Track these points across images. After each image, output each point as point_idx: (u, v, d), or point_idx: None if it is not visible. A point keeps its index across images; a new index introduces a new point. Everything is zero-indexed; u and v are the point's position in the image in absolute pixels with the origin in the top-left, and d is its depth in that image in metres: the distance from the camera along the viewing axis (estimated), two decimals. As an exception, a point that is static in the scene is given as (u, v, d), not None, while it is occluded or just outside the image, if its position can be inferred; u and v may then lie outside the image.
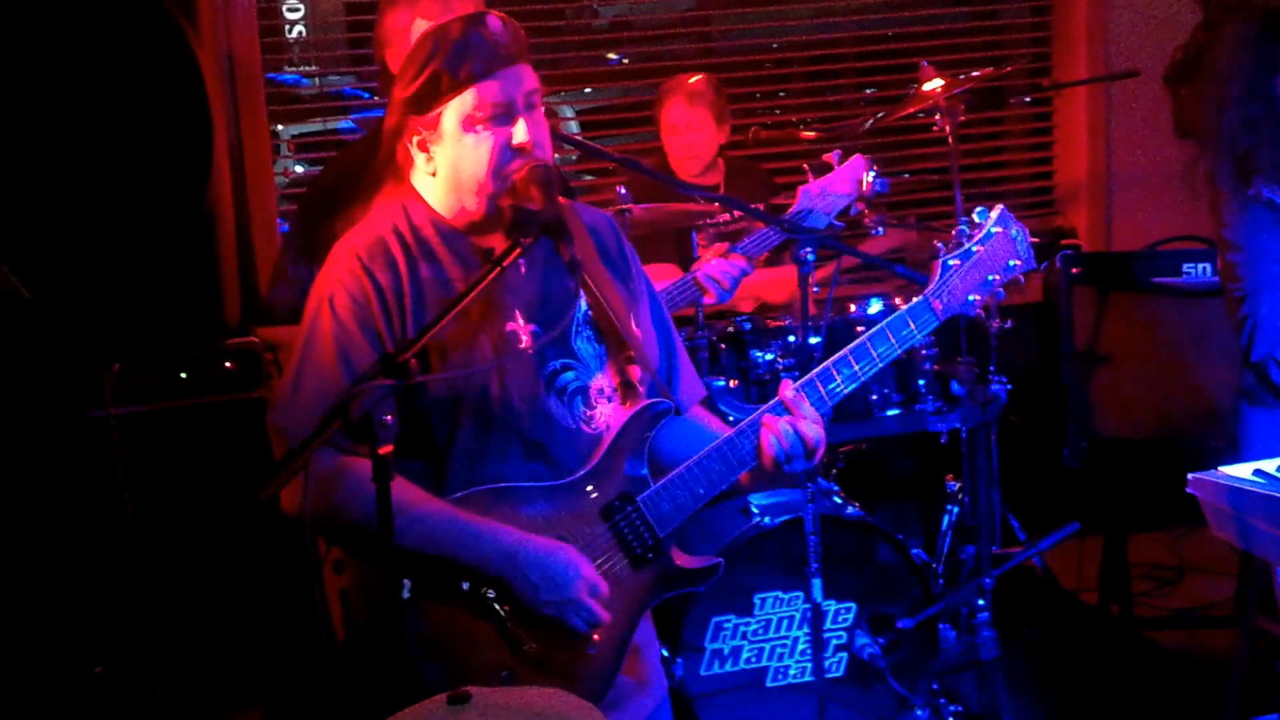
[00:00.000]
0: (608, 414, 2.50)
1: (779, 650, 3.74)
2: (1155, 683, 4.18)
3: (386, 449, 2.12)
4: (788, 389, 2.50)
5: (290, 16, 5.21)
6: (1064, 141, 5.71)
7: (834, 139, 4.39)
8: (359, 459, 2.27)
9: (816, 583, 3.46)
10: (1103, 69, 5.40)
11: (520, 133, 2.38)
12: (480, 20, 2.40)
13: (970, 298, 2.61)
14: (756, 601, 3.70)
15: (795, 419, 2.47)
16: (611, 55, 5.56)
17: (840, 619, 3.76)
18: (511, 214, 2.38)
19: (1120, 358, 4.20)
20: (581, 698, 2.20)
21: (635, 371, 2.53)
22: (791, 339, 3.89)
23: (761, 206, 3.85)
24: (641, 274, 2.65)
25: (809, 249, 3.40)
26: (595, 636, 2.42)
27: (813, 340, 3.97)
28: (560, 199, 2.44)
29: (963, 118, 4.23)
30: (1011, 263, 2.64)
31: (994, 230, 2.63)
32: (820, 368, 2.53)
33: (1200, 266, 4.14)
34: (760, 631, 3.73)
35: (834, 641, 3.76)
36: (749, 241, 3.76)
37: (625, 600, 2.46)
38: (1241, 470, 2.69)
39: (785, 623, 3.73)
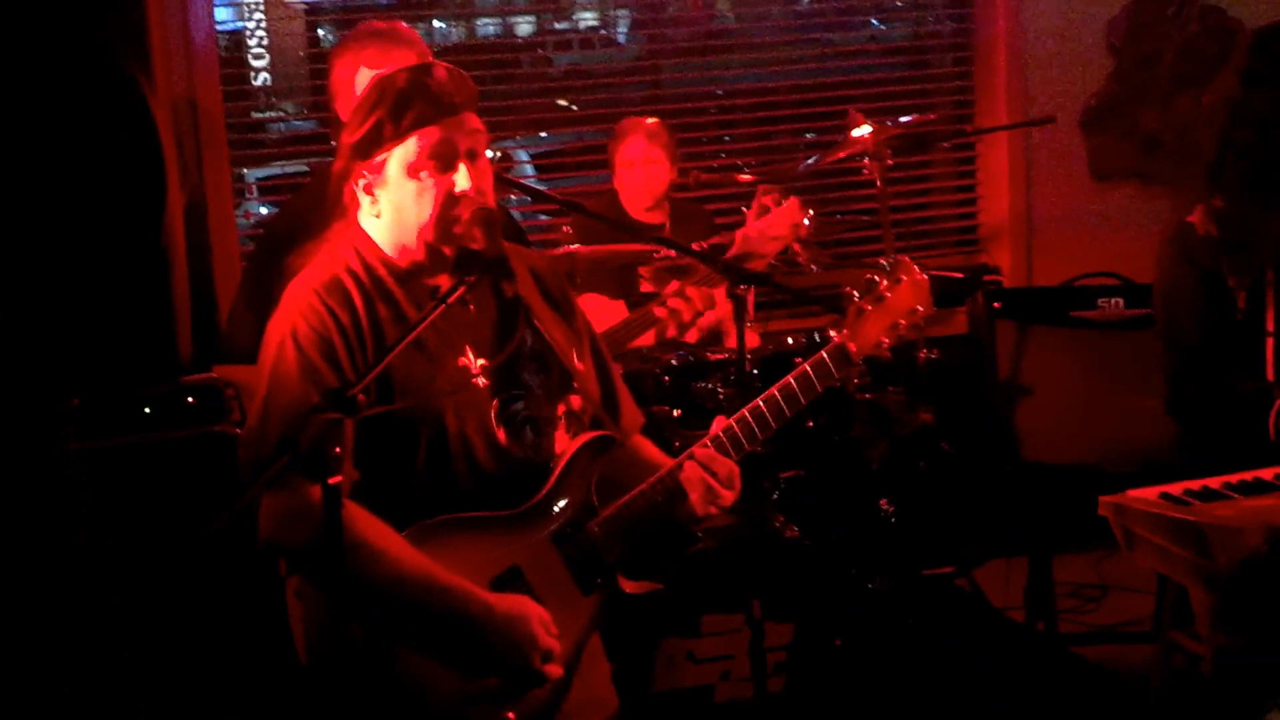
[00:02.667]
0: (556, 443, 2.57)
1: (724, 669, 3.81)
2: (1080, 696, 4.32)
3: (336, 479, 2.15)
4: (718, 428, 2.60)
5: (255, 64, 5.34)
6: (987, 183, 5.88)
7: (768, 181, 4.55)
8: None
9: (756, 604, 3.58)
10: (1022, 116, 5.58)
11: (462, 180, 2.45)
12: (427, 70, 2.48)
13: (879, 340, 2.72)
14: (702, 623, 3.78)
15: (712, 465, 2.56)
16: (561, 101, 5.73)
17: (781, 638, 3.86)
18: (455, 254, 2.46)
19: (1042, 387, 4.35)
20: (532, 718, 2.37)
21: (578, 402, 2.62)
22: (730, 372, 4.02)
23: (705, 245, 4.00)
24: (581, 314, 2.75)
25: (744, 287, 3.54)
26: (543, 693, 2.47)
27: (753, 372, 4.14)
28: (505, 243, 2.49)
29: (890, 161, 4.42)
30: (916, 308, 2.74)
31: (902, 278, 2.74)
32: (748, 408, 2.64)
33: (1114, 300, 4.30)
34: (705, 651, 3.80)
35: (775, 660, 3.87)
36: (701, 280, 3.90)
37: (574, 625, 2.52)
38: (1149, 494, 2.82)
39: (729, 642, 3.79)
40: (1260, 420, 3.18)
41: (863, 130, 4.34)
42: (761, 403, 2.64)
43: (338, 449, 2.16)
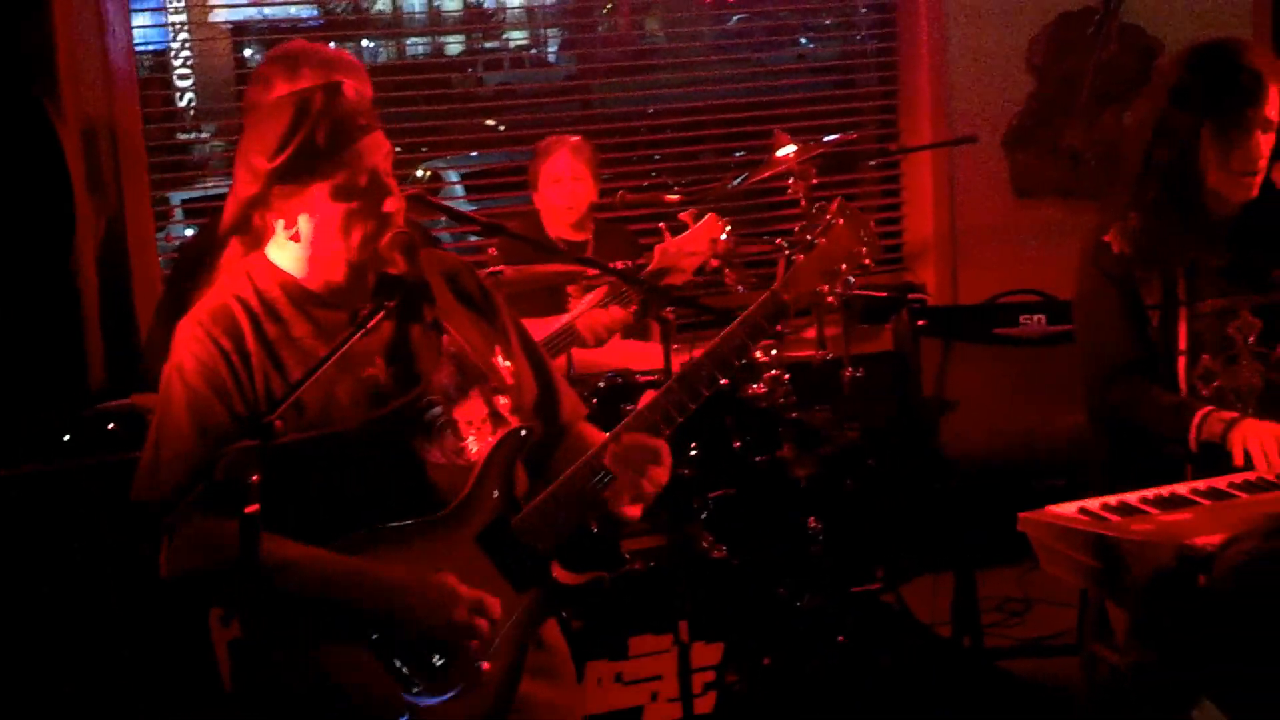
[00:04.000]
0: (479, 445, 2.53)
1: (653, 690, 3.83)
2: (1006, 709, 4.37)
3: (253, 508, 2.14)
4: (645, 402, 2.55)
5: (180, 84, 5.29)
6: (912, 202, 5.92)
7: (696, 202, 4.57)
8: (225, 522, 2.28)
9: (684, 624, 3.58)
10: (946, 134, 5.61)
11: (392, 201, 2.44)
12: (338, 90, 2.44)
13: (818, 289, 2.60)
14: (630, 644, 3.78)
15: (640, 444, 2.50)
16: (489, 121, 5.72)
17: (710, 658, 3.86)
18: (375, 278, 2.46)
19: (966, 404, 4.39)
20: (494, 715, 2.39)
21: (500, 400, 2.58)
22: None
23: (629, 264, 4.01)
24: (505, 310, 2.71)
25: (669, 307, 3.56)
26: (485, 665, 2.45)
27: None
28: (421, 249, 2.49)
29: (815, 181, 4.46)
30: (857, 250, 2.62)
31: (835, 222, 2.60)
32: (682, 369, 2.57)
33: (1036, 317, 4.35)
34: (634, 673, 3.81)
35: (704, 680, 3.88)
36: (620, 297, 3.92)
37: (511, 623, 2.49)
38: (1068, 509, 2.83)
39: (657, 663, 3.80)
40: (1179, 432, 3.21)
41: (787, 150, 4.37)
42: (691, 369, 2.58)
43: (255, 477, 2.15)
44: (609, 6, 5.89)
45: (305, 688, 2.37)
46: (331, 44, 5.42)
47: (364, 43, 5.83)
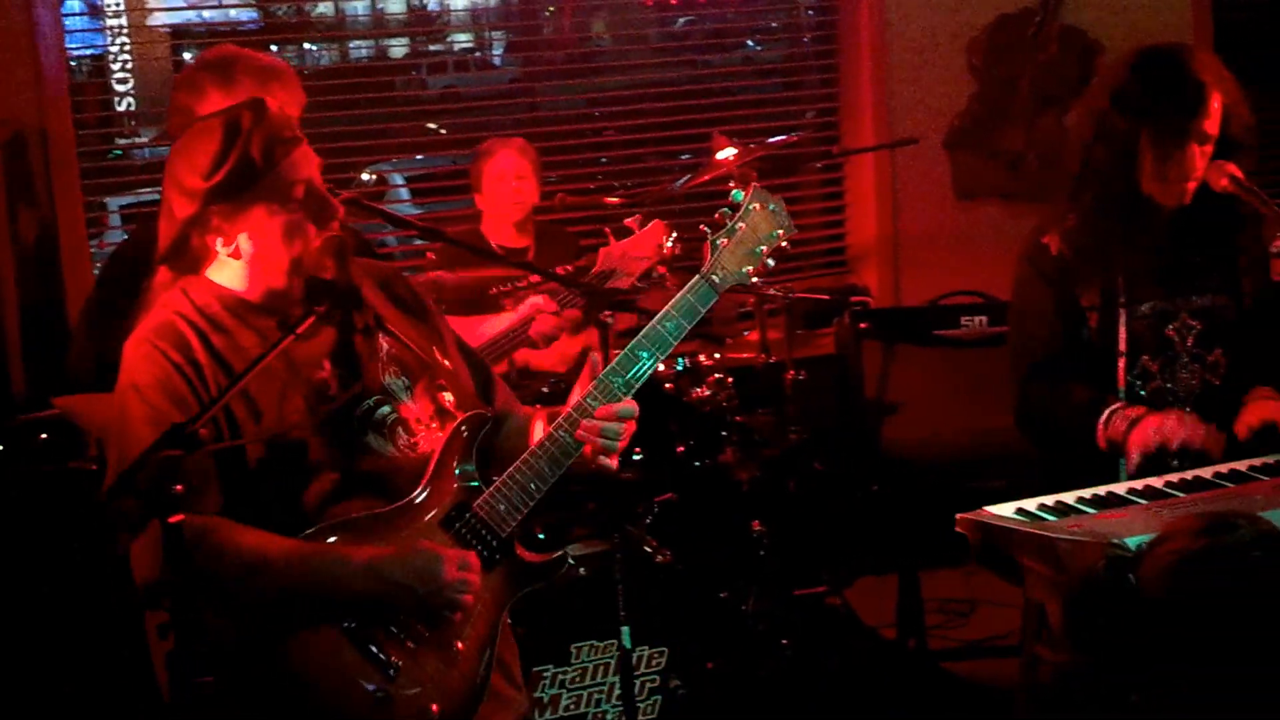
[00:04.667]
0: (430, 439, 2.58)
1: (596, 697, 3.83)
2: (950, 711, 4.39)
3: (177, 518, 2.14)
4: (589, 374, 2.59)
5: (119, 89, 5.24)
6: (854, 205, 5.93)
7: (636, 203, 4.56)
8: (208, 519, 2.35)
9: (626, 630, 3.57)
10: (887, 137, 5.63)
11: (331, 209, 2.48)
12: (264, 106, 2.48)
13: (743, 269, 2.69)
14: (573, 650, 3.77)
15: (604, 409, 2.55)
16: (431, 125, 5.69)
17: (654, 663, 3.87)
18: (305, 284, 2.47)
19: (909, 406, 4.40)
20: (457, 707, 2.44)
21: (445, 397, 2.63)
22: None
23: (570, 268, 3.99)
24: (437, 312, 2.78)
25: (610, 312, 3.54)
26: (459, 645, 2.50)
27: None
28: (353, 258, 2.54)
29: (757, 184, 4.45)
30: (774, 233, 2.73)
31: (752, 206, 2.72)
32: (621, 355, 2.61)
33: (977, 319, 4.36)
34: (578, 679, 3.80)
35: (649, 685, 3.90)
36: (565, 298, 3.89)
37: (481, 603, 2.53)
38: (1005, 509, 2.84)
39: (601, 669, 3.81)
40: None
41: (727, 153, 4.37)
42: (631, 349, 2.62)
43: (179, 487, 2.15)
44: (550, 9, 5.88)
45: (281, 684, 2.39)
46: (274, 47, 5.43)
47: (306, 46, 5.78)
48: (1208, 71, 3.20)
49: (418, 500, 2.54)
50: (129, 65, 5.26)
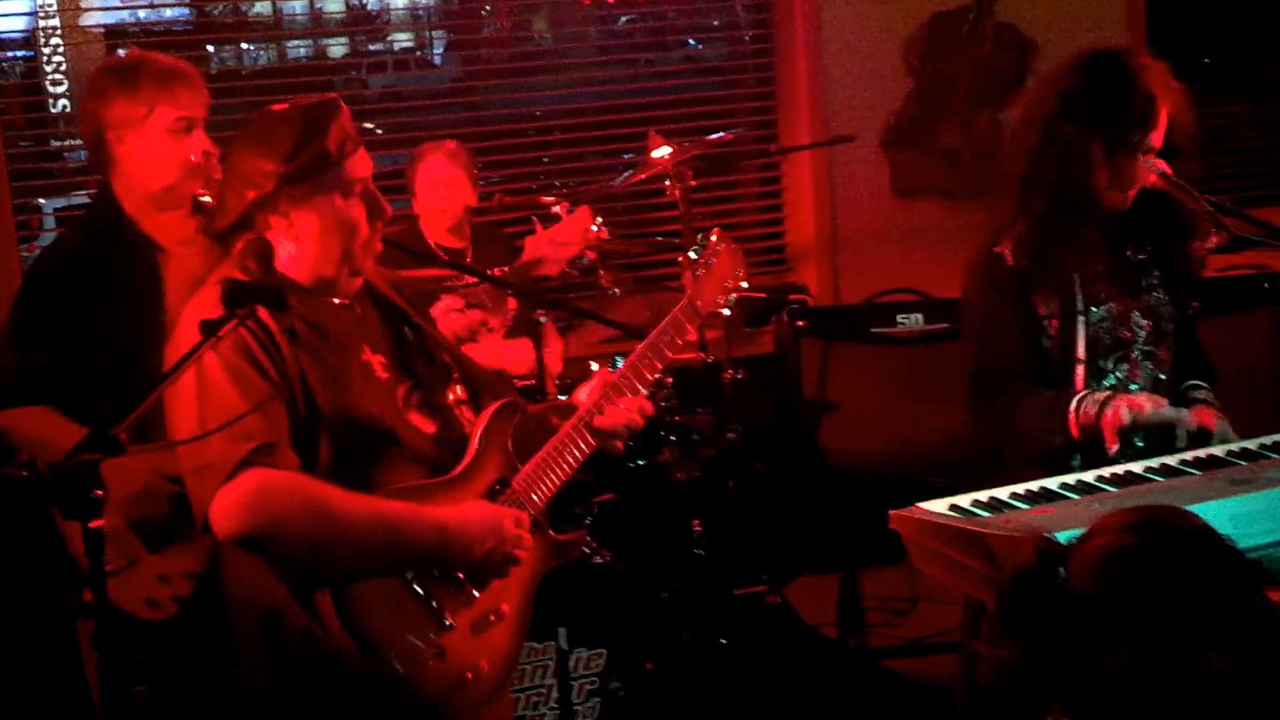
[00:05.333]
0: (466, 420, 2.79)
1: (534, 699, 3.82)
2: (891, 708, 4.40)
3: (98, 523, 2.15)
4: (602, 379, 2.91)
5: (54, 90, 5.17)
6: (793, 203, 5.93)
7: (574, 204, 4.54)
8: (283, 472, 2.46)
9: (562, 631, 3.56)
10: (825, 135, 5.63)
11: (382, 210, 2.69)
12: (338, 104, 2.68)
13: (716, 300, 3.14)
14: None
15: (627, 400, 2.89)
16: (369, 125, 5.64)
17: (594, 664, 3.87)
18: (225, 286, 2.46)
19: (847, 403, 4.40)
20: (500, 667, 2.65)
21: (461, 390, 2.85)
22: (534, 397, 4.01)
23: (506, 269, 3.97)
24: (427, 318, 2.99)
25: (541, 313, 3.53)
26: (506, 587, 2.68)
27: (561, 398, 4.12)
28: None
29: (693, 183, 4.45)
30: (738, 272, 3.21)
31: (720, 248, 3.17)
32: (628, 362, 2.96)
33: (914, 316, 4.37)
34: (516, 682, 3.77)
35: (588, 687, 3.88)
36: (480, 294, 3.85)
37: (516, 575, 2.71)
38: (938, 505, 2.82)
39: (540, 672, 3.80)
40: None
41: (662, 151, 4.36)
42: (638, 358, 2.98)
43: (100, 492, 2.16)
44: (487, 8, 5.84)
45: (347, 632, 2.49)
46: (210, 47, 5.37)
47: (244, 46, 5.72)
48: (1157, 82, 3.20)
49: (462, 475, 2.70)
50: (63, 67, 5.19)
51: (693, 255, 3.16)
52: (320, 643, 2.51)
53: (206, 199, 3.23)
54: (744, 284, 3.21)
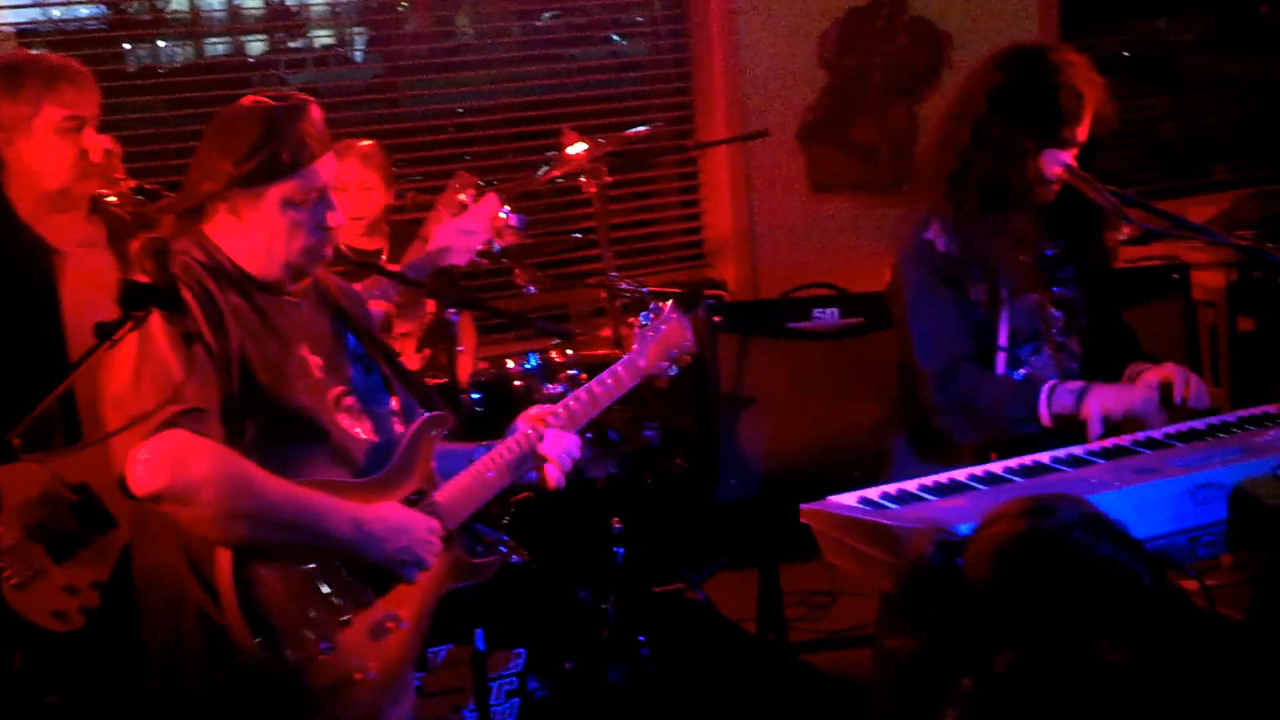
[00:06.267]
0: (393, 430, 2.85)
1: (454, 702, 3.80)
2: (809, 701, 4.40)
3: None
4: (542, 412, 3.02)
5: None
6: (710, 199, 5.94)
7: (480, 192, 4.49)
8: (206, 439, 2.49)
9: (478, 632, 3.53)
10: (741, 130, 5.65)
11: (336, 217, 2.72)
12: (306, 109, 2.70)
13: (659, 363, 3.29)
14: (430, 655, 3.75)
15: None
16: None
17: (512, 665, 3.86)
18: (122, 286, 2.43)
19: (764, 399, 4.38)
20: (391, 673, 2.67)
21: (395, 402, 2.91)
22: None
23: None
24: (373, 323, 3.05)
25: (453, 311, 3.50)
26: (406, 594, 2.71)
27: (475, 396, 4.10)
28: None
29: (608, 179, 4.43)
30: (684, 344, 3.35)
31: (672, 316, 3.34)
32: (564, 401, 3.08)
33: (829, 311, 4.36)
34: (435, 684, 3.78)
35: (507, 687, 3.86)
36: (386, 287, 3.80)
37: (421, 586, 2.76)
38: (848, 499, 2.80)
39: (458, 673, 3.77)
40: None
41: (577, 148, 4.33)
42: (574, 398, 3.10)
43: None
44: (404, 3, 5.79)
45: (245, 610, 2.53)
46: (126, 45, 5.29)
47: (160, 44, 5.64)
48: (1081, 76, 3.23)
49: (382, 480, 2.76)
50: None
51: (643, 320, 3.31)
52: (213, 621, 2.54)
53: (111, 199, 3.19)
54: (689, 356, 3.36)
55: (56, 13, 5.31)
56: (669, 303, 3.35)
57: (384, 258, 4.57)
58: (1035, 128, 3.20)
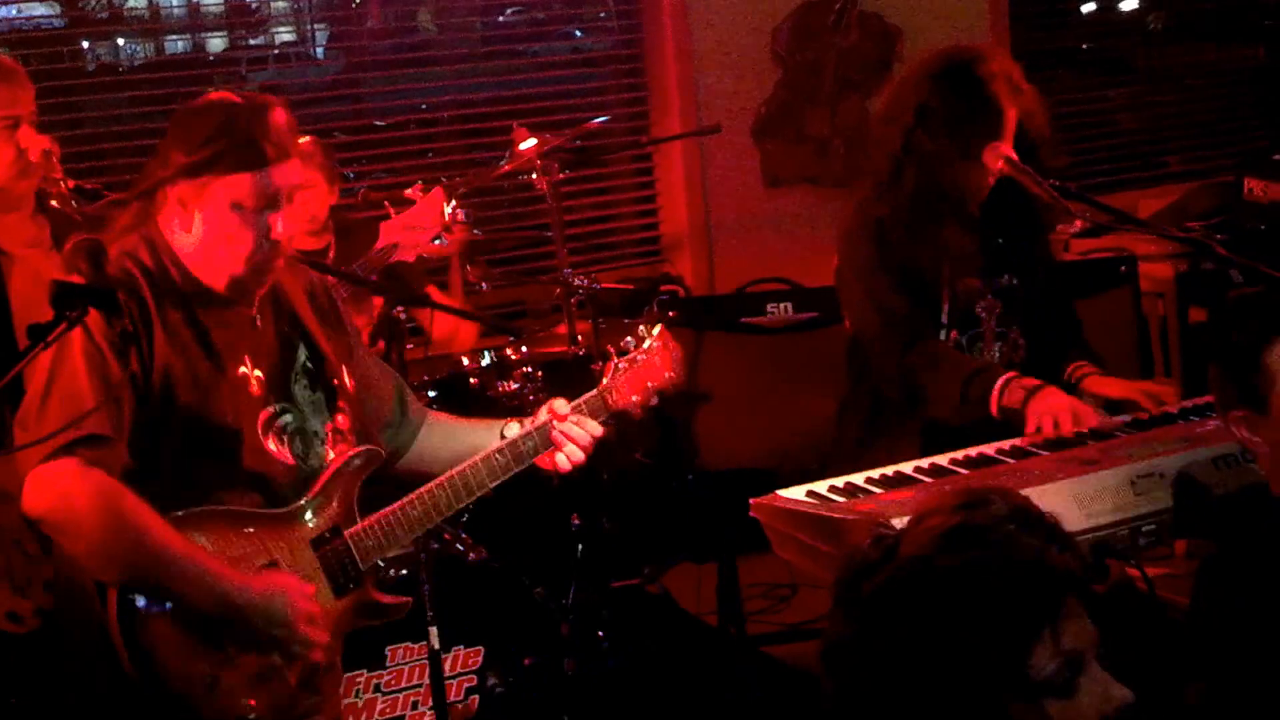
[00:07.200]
0: (326, 454, 2.70)
1: (413, 699, 3.79)
2: (769, 693, 4.41)
3: None
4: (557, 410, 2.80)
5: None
6: (666, 194, 5.95)
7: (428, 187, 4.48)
8: (97, 472, 2.42)
9: (433, 630, 3.53)
10: (695, 125, 5.67)
11: (279, 226, 2.55)
12: (270, 109, 2.57)
13: (633, 398, 2.88)
14: (387, 653, 3.74)
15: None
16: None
17: (471, 662, 3.85)
18: (55, 287, 2.41)
19: (719, 393, 4.41)
20: (286, 708, 2.55)
21: (343, 420, 2.74)
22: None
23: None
24: (349, 321, 2.88)
25: (402, 309, 3.50)
26: (317, 656, 2.59)
27: (430, 394, 4.10)
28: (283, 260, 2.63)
29: (561, 175, 4.44)
30: (667, 374, 2.92)
31: (656, 345, 2.92)
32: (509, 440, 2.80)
33: (783, 305, 4.39)
34: (393, 682, 3.77)
35: (466, 685, 3.87)
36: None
37: (327, 625, 2.62)
38: (796, 492, 2.85)
39: (417, 671, 3.78)
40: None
41: (528, 144, 4.34)
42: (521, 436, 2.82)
43: None
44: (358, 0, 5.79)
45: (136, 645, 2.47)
46: (84, 43, 5.25)
47: (120, 42, 5.61)
48: (1004, 90, 3.27)
49: (297, 512, 2.64)
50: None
51: (623, 349, 2.94)
52: (102, 642, 2.49)
53: (53, 201, 3.17)
54: (669, 390, 2.97)
55: (14, 10, 5.27)
56: (657, 328, 2.98)
57: (330, 256, 4.55)
58: (957, 143, 3.26)
